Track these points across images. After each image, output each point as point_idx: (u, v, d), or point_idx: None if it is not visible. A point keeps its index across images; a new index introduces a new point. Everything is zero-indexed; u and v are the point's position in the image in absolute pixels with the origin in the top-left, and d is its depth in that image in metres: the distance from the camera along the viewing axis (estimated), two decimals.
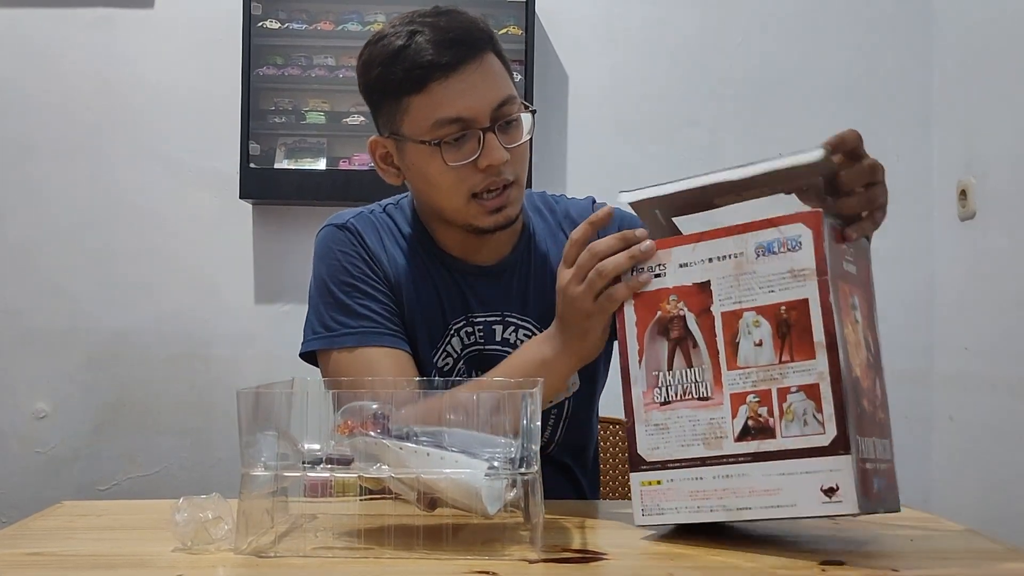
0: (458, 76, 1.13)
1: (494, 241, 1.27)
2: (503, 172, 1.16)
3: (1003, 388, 2.23)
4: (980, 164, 2.42)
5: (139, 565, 0.85)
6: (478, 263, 1.28)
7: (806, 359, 0.84)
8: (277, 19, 2.58)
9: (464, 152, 1.14)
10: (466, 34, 1.14)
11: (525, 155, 1.19)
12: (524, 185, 1.22)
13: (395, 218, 1.31)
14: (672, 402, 0.90)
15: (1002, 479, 2.23)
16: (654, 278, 0.92)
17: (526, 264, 1.30)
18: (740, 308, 0.88)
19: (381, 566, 0.83)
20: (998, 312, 2.26)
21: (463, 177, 1.15)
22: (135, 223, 2.64)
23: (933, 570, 0.84)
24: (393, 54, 1.14)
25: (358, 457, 0.87)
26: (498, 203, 1.17)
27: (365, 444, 0.87)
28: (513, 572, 0.80)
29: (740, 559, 0.85)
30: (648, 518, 0.91)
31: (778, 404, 0.85)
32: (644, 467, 0.91)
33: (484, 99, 1.14)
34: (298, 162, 2.57)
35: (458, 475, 0.84)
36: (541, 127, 2.61)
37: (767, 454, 0.85)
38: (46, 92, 2.64)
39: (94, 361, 2.62)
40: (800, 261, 0.86)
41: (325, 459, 0.88)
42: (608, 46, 2.70)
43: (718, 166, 0.96)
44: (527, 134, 1.18)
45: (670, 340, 0.90)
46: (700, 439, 0.88)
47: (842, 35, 2.69)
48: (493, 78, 1.15)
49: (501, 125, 1.15)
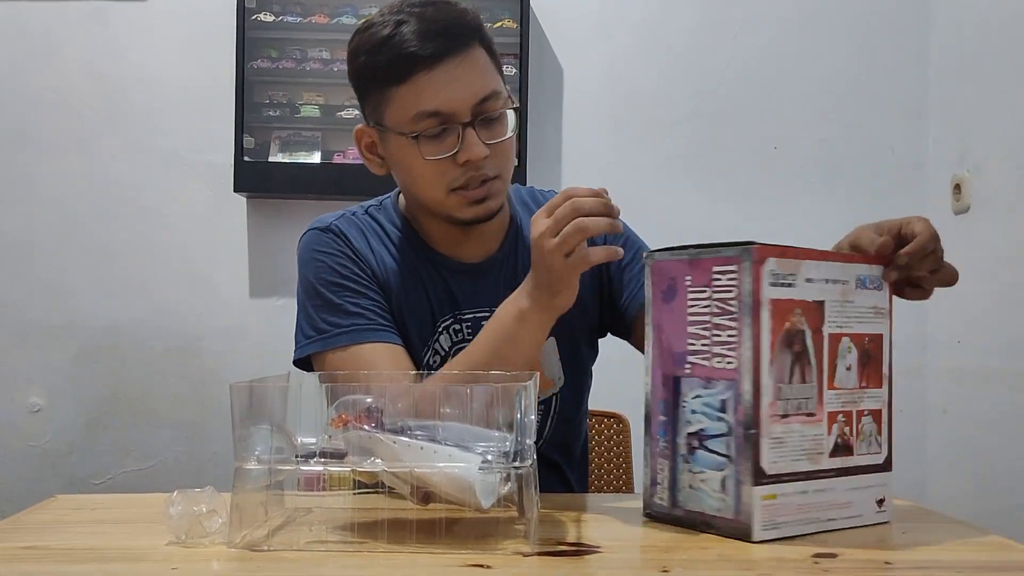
0: (440, 69, 1.12)
1: (481, 236, 1.27)
2: (483, 168, 1.15)
3: (996, 381, 2.24)
4: (974, 158, 2.42)
5: (133, 559, 0.85)
6: (465, 259, 1.28)
7: (876, 387, 0.97)
8: (271, 12, 2.57)
9: (444, 146, 1.14)
10: (453, 26, 1.13)
11: (508, 151, 1.18)
12: (508, 180, 1.21)
13: (378, 219, 1.30)
14: (788, 416, 0.90)
15: (996, 471, 2.24)
16: (785, 287, 0.89)
17: (513, 259, 1.30)
18: (840, 332, 0.94)
19: (374, 560, 0.83)
20: (992, 305, 2.27)
21: (442, 171, 1.15)
22: (129, 216, 2.63)
23: (926, 562, 0.85)
24: (379, 43, 1.14)
25: (352, 451, 0.87)
26: (479, 194, 1.17)
27: (359, 438, 0.87)
28: (507, 566, 0.80)
29: (733, 551, 0.86)
30: (766, 532, 0.89)
31: (855, 425, 0.95)
32: (765, 480, 0.88)
33: (465, 93, 1.13)
34: (292, 155, 2.57)
35: (452, 469, 0.84)
36: (535, 121, 2.61)
37: (847, 470, 0.94)
38: (40, 85, 2.63)
39: (88, 355, 2.61)
40: (881, 300, 0.98)
41: (319, 453, 0.87)
42: (603, 40, 2.69)
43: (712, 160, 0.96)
44: (510, 131, 1.17)
45: (792, 353, 0.90)
46: (805, 454, 0.91)
47: (837, 30, 2.69)
48: (476, 72, 1.14)
49: (483, 120, 1.14)
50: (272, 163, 2.55)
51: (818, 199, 2.64)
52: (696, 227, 2.68)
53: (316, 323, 1.22)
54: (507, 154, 1.18)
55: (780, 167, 2.66)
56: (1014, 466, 2.18)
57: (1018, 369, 2.19)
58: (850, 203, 2.62)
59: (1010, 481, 2.19)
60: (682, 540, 0.90)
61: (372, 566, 0.82)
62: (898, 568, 0.82)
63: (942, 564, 0.84)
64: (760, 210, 2.64)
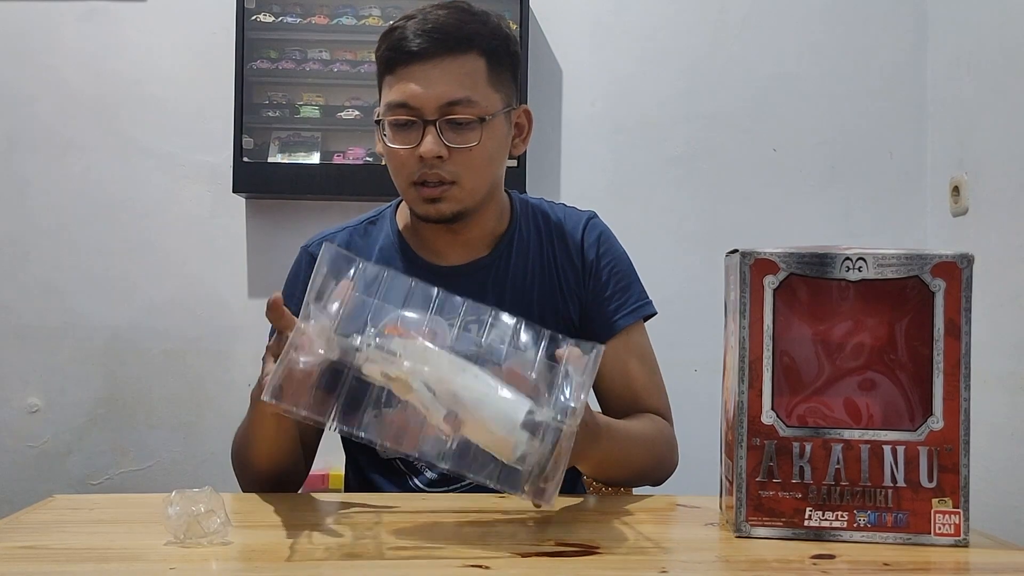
0: (420, 65, 1.17)
1: (468, 240, 1.30)
2: (439, 168, 1.18)
3: (995, 383, 2.24)
4: (973, 161, 2.43)
5: (132, 559, 0.85)
6: (452, 263, 1.30)
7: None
8: (271, 13, 2.57)
9: (408, 138, 1.19)
10: (452, 28, 1.18)
11: (473, 160, 1.20)
12: (474, 189, 1.22)
13: (372, 232, 1.35)
14: None
15: (993, 474, 2.24)
16: None
17: (505, 266, 1.31)
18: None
19: (373, 560, 0.83)
20: (990, 308, 2.27)
21: (404, 161, 1.20)
22: (127, 217, 2.63)
23: (924, 563, 0.85)
24: (386, 33, 1.21)
25: (406, 356, 0.85)
26: (433, 194, 1.20)
27: (417, 347, 0.85)
28: (505, 566, 0.80)
29: (731, 552, 0.86)
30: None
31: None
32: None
33: (433, 92, 1.17)
34: (292, 156, 2.57)
35: (500, 405, 0.83)
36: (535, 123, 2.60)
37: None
38: (37, 85, 2.62)
39: (86, 355, 2.61)
40: None
41: (376, 346, 0.85)
42: (602, 41, 2.69)
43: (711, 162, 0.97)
44: (477, 141, 1.18)
45: None
46: None
47: (836, 33, 2.69)
48: (454, 76, 1.18)
49: (450, 123, 1.18)
50: (271, 164, 2.55)
51: (817, 201, 2.64)
52: (694, 229, 2.69)
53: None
54: (471, 163, 1.20)
55: (779, 169, 2.66)
56: (1012, 469, 2.18)
57: (1017, 371, 2.19)
58: (849, 205, 2.62)
59: (1008, 484, 2.19)
60: (681, 541, 0.90)
61: (371, 566, 0.82)
62: (897, 570, 0.82)
63: (941, 566, 0.84)
64: (758, 212, 2.63)
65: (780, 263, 0.91)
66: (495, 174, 1.26)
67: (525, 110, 1.31)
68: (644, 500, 1.12)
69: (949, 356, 0.89)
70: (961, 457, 0.89)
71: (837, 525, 0.90)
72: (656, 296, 1.38)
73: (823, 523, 0.90)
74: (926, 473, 0.89)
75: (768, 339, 0.91)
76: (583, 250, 1.33)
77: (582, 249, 1.33)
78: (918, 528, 0.89)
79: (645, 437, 1.23)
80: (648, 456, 1.24)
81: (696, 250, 2.60)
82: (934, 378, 0.89)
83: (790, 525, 0.90)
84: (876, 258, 0.90)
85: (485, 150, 1.20)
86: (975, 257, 0.90)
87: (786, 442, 0.90)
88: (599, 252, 1.33)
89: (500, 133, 1.23)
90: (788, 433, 0.90)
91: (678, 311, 2.57)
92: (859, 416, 0.91)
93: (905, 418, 0.90)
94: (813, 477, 0.90)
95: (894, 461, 0.89)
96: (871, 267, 0.90)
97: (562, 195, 2.65)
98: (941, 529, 0.89)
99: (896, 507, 0.90)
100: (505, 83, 1.24)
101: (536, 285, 1.31)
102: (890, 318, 0.91)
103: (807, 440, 0.90)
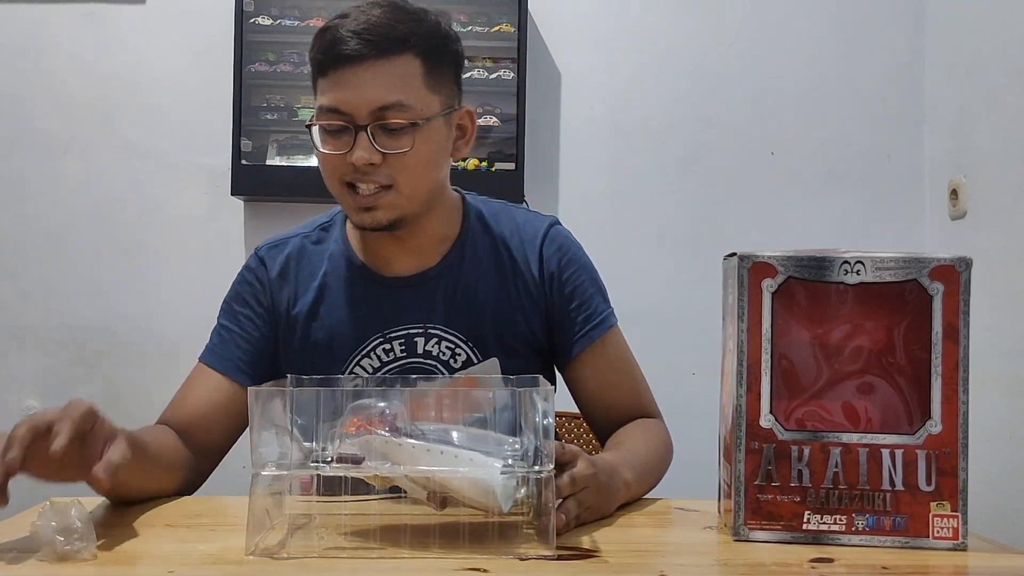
0: (352, 69, 1.13)
1: (416, 249, 1.26)
2: (371, 174, 1.15)
3: (993, 386, 2.24)
4: (971, 164, 2.43)
5: (129, 561, 0.85)
6: (398, 273, 1.27)
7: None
8: (269, 15, 2.57)
9: (339, 143, 1.16)
10: (385, 29, 1.13)
11: (408, 165, 1.15)
12: (412, 194, 1.18)
13: (324, 239, 1.32)
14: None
15: (992, 477, 2.24)
16: None
17: (454, 275, 1.27)
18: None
19: (372, 564, 0.83)
20: (989, 311, 2.27)
21: (335, 164, 1.17)
22: (126, 219, 2.63)
23: (923, 567, 0.85)
24: (319, 34, 1.17)
25: (369, 456, 0.85)
26: (367, 203, 1.17)
27: (377, 442, 0.85)
28: (505, 569, 0.80)
29: (730, 555, 0.86)
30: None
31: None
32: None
33: (364, 97, 1.13)
34: (290, 159, 2.57)
35: (474, 473, 0.84)
36: (532, 125, 2.61)
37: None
38: (36, 87, 2.62)
39: (84, 358, 2.61)
40: None
41: (336, 458, 0.86)
42: (601, 44, 2.70)
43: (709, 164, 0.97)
44: (411, 147, 1.14)
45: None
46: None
47: (834, 37, 2.69)
48: (386, 79, 1.13)
49: (382, 128, 1.14)
50: (269, 166, 2.55)
51: (815, 205, 2.64)
52: (692, 232, 2.69)
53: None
54: (407, 168, 1.16)
55: (777, 172, 2.67)
56: (1011, 471, 2.18)
57: (1015, 373, 2.19)
58: (847, 209, 2.62)
59: (1009, 487, 2.19)
60: (679, 544, 0.90)
61: (370, 570, 0.82)
62: (895, 573, 0.82)
63: (939, 569, 0.84)
64: (757, 215, 2.64)
65: (778, 266, 0.91)
66: (434, 179, 1.21)
67: (468, 111, 1.24)
68: (643, 504, 1.12)
69: (947, 359, 0.89)
70: (959, 461, 0.89)
71: (835, 529, 0.90)
72: (654, 299, 1.38)
73: (821, 527, 0.90)
74: (924, 477, 0.89)
75: (766, 342, 0.91)
76: (542, 259, 1.29)
77: (541, 258, 1.29)
78: (916, 532, 0.89)
79: (651, 452, 1.21)
80: (659, 468, 1.23)
81: (694, 253, 2.61)
82: (932, 381, 0.89)
83: (789, 529, 0.90)
84: (874, 261, 0.90)
85: (420, 155, 1.16)
86: (973, 260, 0.90)
87: (784, 446, 0.90)
88: (561, 263, 1.29)
89: (438, 136, 1.18)
90: (787, 437, 0.90)
91: (676, 314, 2.58)
92: (857, 420, 0.91)
93: (903, 421, 0.90)
94: (811, 481, 0.90)
95: (892, 465, 0.89)
96: (869, 270, 0.90)
97: (561, 199, 2.65)
98: (939, 533, 0.89)
99: (894, 511, 0.89)
100: (445, 84, 1.19)
101: (491, 294, 1.27)
102: (888, 321, 0.91)
103: (806, 444, 0.90)
